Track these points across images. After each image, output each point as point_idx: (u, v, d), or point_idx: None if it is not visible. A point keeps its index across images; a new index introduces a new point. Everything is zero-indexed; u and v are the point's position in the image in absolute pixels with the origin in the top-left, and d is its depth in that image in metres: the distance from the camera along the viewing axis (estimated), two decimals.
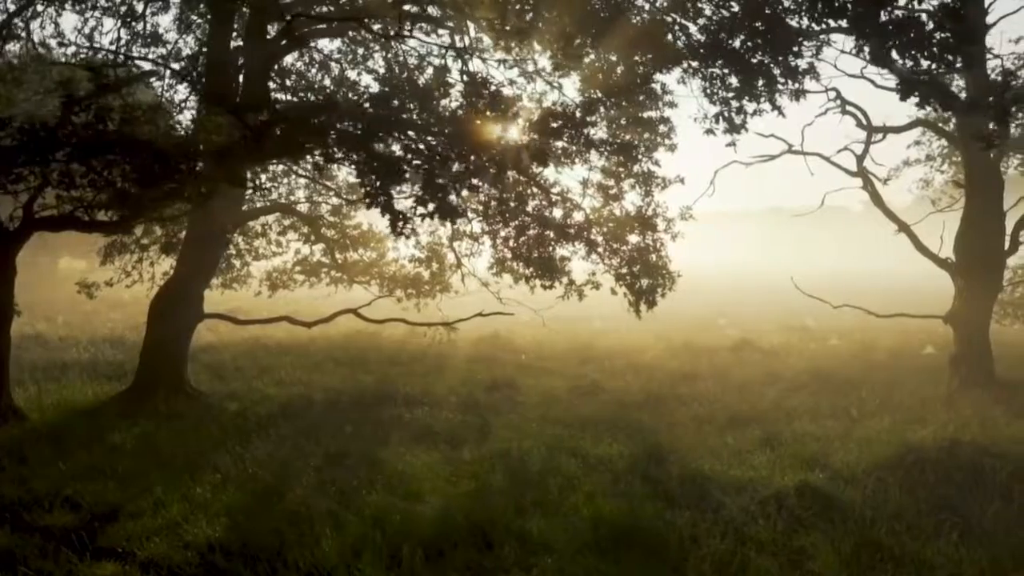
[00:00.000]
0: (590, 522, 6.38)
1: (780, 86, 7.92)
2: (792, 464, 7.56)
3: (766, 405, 10.77)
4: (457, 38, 14.03)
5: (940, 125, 13.59)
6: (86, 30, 13.00)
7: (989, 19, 12.19)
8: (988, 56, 12.52)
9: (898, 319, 13.52)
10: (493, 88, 12.73)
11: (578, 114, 11.21)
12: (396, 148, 7.08)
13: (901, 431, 8.21)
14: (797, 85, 7.85)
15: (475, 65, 13.49)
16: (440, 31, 14.12)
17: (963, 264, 12.05)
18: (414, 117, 7.99)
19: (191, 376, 11.88)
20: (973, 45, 6.32)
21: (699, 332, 19.48)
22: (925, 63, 6.50)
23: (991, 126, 7.68)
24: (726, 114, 8.33)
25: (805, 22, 6.74)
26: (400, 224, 6.40)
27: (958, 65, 6.55)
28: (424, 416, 10.52)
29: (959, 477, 6.67)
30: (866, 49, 6.62)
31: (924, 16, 6.44)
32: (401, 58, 14.81)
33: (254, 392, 11.91)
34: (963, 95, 12.14)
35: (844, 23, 6.73)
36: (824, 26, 6.91)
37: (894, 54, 6.64)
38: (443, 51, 14.07)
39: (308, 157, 7.03)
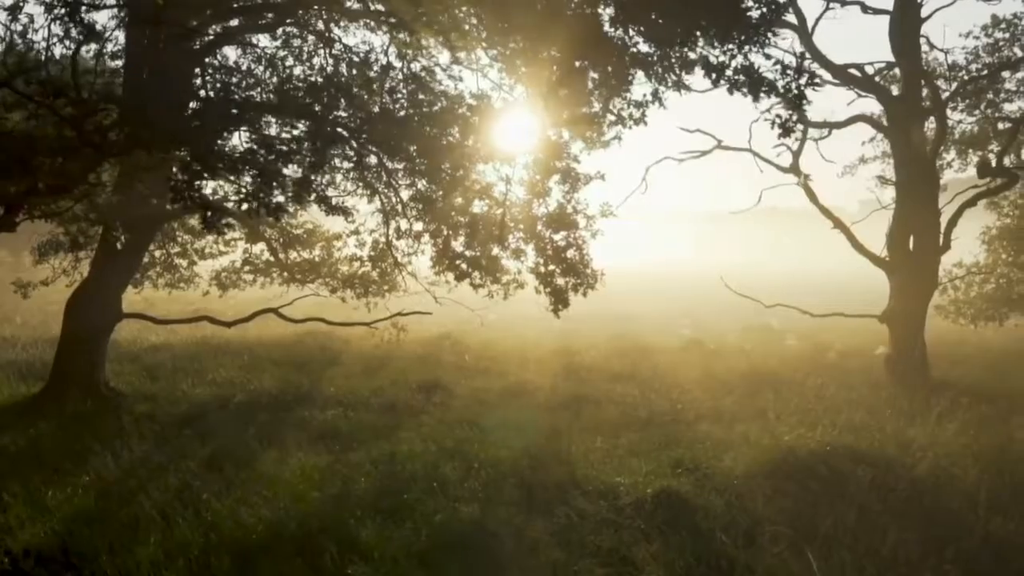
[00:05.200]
0: (438, 528, 6.21)
1: (670, 77, 7.64)
2: (669, 469, 7.33)
3: (683, 407, 10.53)
4: (402, 35, 13.89)
5: (879, 120, 13.25)
6: (17, 26, 12.91)
7: (924, 11, 11.98)
8: (925, 48, 12.27)
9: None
10: (414, 84, 12.61)
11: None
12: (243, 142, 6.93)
13: (786, 435, 7.93)
14: (684, 75, 7.56)
15: (420, 62, 13.39)
16: (385, 28, 14.00)
17: (897, 263, 11.73)
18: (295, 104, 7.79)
19: (109, 376, 11.80)
20: (771, 27, 6.04)
21: (656, 332, 19.20)
22: (730, 45, 6.21)
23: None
24: (615, 108, 8.09)
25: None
26: (212, 218, 6.24)
27: (761, 47, 6.24)
28: (336, 417, 10.37)
29: (818, 485, 6.42)
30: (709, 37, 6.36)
31: None
32: (346, 56, 14.68)
33: (176, 393, 11.79)
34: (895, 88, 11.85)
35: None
36: (657, 16, 6.64)
37: (695, 36, 6.37)
38: (384, 48, 13.91)
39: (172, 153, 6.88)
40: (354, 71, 14.03)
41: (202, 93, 11.75)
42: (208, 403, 11.07)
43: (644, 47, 7.58)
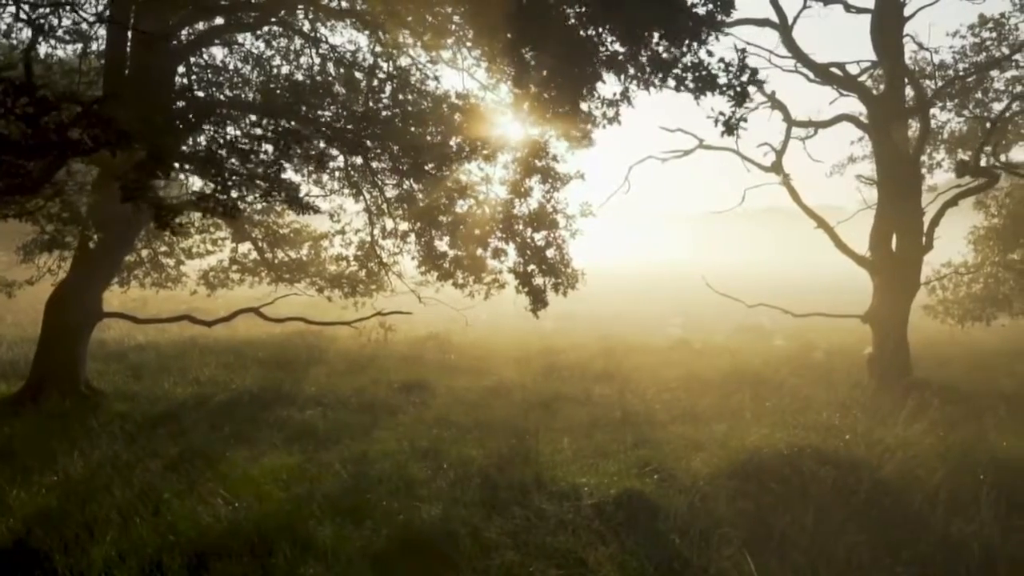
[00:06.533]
0: (398, 528, 6.18)
1: (640, 76, 7.58)
2: (635, 470, 7.28)
3: (659, 407, 10.48)
4: (380, 34, 13.89)
5: (862, 119, 13.16)
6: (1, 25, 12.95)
7: (907, 11, 11.90)
8: (914, 48, 12.19)
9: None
10: (398, 84, 12.58)
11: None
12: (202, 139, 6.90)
13: (753, 435, 7.88)
14: (654, 75, 7.49)
15: (403, 61, 13.39)
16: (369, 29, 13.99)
17: (879, 262, 11.65)
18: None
19: (92, 375, 11.82)
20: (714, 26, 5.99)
21: (645, 332, 19.14)
22: (678, 41, 6.16)
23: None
24: (587, 108, 8.04)
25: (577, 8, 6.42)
26: (167, 217, 6.21)
27: (703, 43, 6.17)
28: (314, 417, 10.34)
29: (781, 487, 6.37)
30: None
31: None
32: (332, 55, 14.67)
33: (157, 392, 11.78)
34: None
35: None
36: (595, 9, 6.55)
37: (646, 34, 6.30)
38: (371, 47, 13.94)
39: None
40: (341, 70, 14.03)
41: (187, 93, 11.78)
42: (187, 402, 11.05)
43: (616, 46, 7.53)
